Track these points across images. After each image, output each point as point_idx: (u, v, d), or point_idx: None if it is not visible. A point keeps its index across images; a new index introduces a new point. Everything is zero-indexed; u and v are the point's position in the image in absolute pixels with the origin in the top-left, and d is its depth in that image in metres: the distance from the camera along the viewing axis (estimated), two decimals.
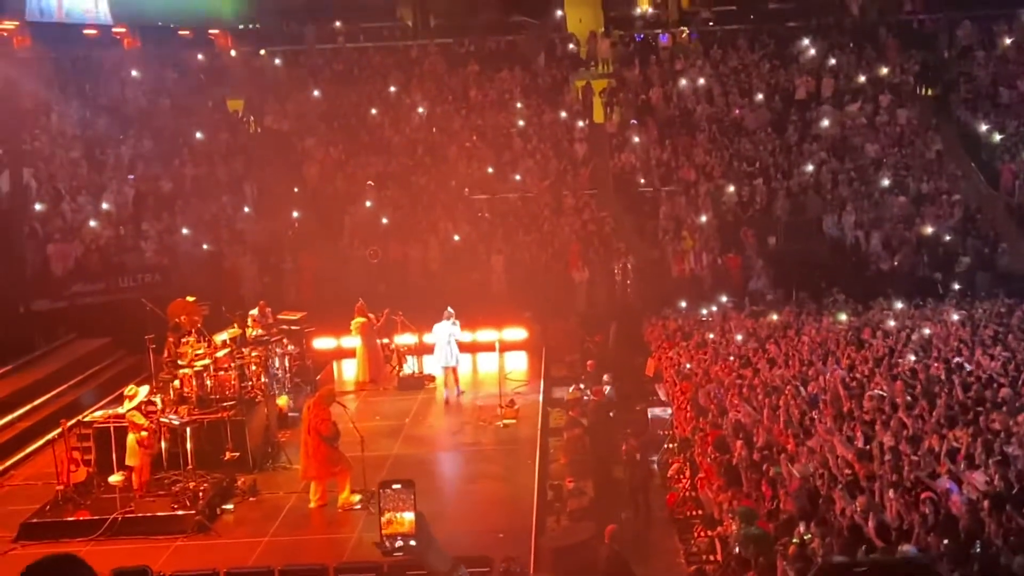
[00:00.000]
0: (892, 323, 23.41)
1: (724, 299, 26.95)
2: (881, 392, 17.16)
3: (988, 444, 13.79)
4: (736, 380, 18.96)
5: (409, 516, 13.05)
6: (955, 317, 23.65)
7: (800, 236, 29.16)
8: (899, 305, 25.67)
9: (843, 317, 24.63)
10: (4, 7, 29.90)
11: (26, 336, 24.70)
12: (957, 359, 19.42)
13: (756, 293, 27.67)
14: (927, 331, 22.13)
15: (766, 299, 27.21)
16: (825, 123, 33.49)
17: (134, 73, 35.63)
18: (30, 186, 29.22)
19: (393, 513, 13.14)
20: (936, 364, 19.07)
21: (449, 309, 22.10)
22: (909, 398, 16.64)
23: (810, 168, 31.37)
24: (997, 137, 32.52)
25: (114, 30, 35.38)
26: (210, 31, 38.03)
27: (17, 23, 31.43)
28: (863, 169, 31.53)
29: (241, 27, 39.97)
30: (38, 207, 28.80)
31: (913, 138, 33.07)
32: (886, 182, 30.67)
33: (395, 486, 13.17)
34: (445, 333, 21.77)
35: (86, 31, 34.32)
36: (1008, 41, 36.48)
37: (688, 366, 20.58)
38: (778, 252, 28.74)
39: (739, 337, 22.72)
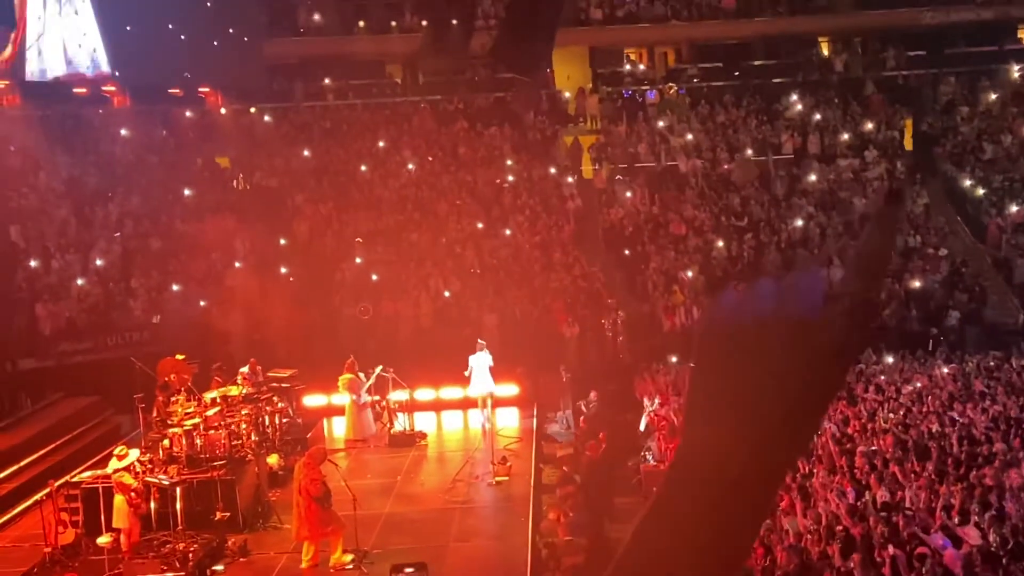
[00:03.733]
0: (883, 377, 23.42)
1: None
2: (873, 448, 17.14)
3: (982, 499, 13.75)
4: None
5: None
6: (945, 371, 23.70)
7: None
8: (889, 359, 25.70)
9: None
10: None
11: (13, 395, 24.53)
12: (949, 413, 19.42)
13: None
14: (918, 385, 22.16)
15: None
16: (812, 178, 33.73)
17: (123, 131, 35.71)
18: (18, 244, 29.21)
19: None
20: (928, 418, 19.07)
21: (480, 341, 23.35)
22: (901, 453, 16.62)
23: (799, 223, 31.55)
24: (981, 191, 32.78)
25: (103, 88, 35.53)
26: (200, 89, 38.19)
27: (7, 82, 31.55)
28: (850, 223, 31.70)
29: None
30: (30, 264, 28.75)
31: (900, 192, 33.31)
32: None
33: (408, 570, 13.16)
34: (482, 363, 22.92)
35: (76, 89, 34.46)
36: (992, 96, 36.90)
37: (679, 421, 20.53)
38: None
39: None
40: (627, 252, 31.53)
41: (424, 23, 39.36)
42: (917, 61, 39.73)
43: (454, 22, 37.35)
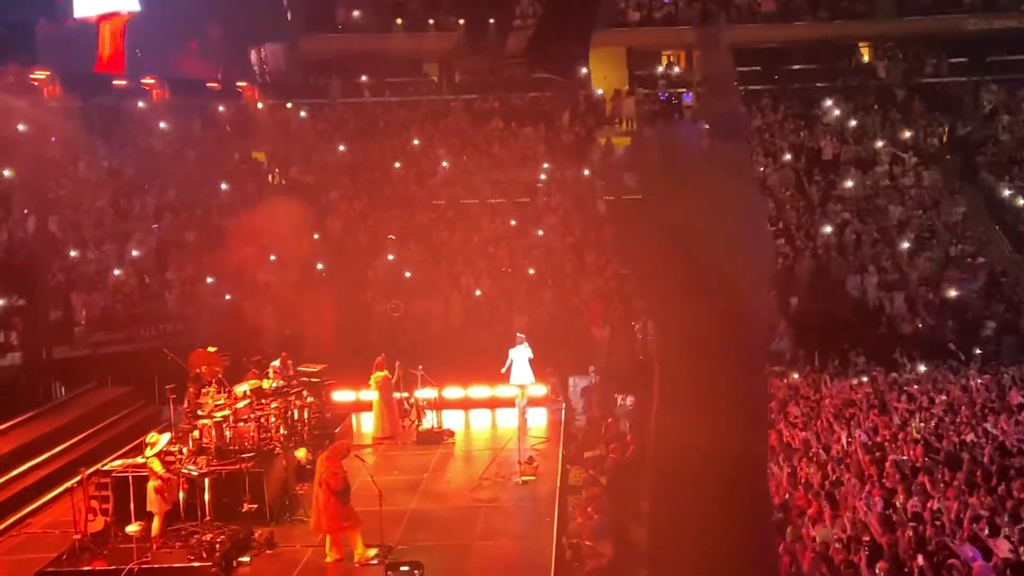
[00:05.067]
0: (915, 387, 23.25)
1: None
2: (903, 457, 17.02)
3: (1013, 511, 13.63)
4: None
5: None
6: (979, 381, 23.49)
7: (823, 297, 29.04)
8: (922, 368, 25.51)
9: (865, 379, 24.49)
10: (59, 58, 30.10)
11: (47, 383, 24.75)
12: (982, 424, 19.25)
13: (777, 353, 27.51)
14: (951, 395, 21.98)
15: (786, 359, 27.08)
16: (849, 184, 33.51)
17: (161, 124, 35.95)
18: (55, 234, 29.45)
19: None
20: (960, 429, 18.91)
21: (520, 335, 23.76)
22: (932, 463, 16.49)
23: (828, 229, 31.33)
24: (1022, 201, 32.47)
25: (143, 81, 35.80)
26: (238, 83, 38.40)
27: (48, 72, 31.81)
28: (887, 231, 31.49)
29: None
30: (68, 254, 29.00)
31: (938, 200, 33.06)
32: (906, 244, 30.62)
33: (403, 568, 13.21)
34: (521, 356, 23.35)
35: (116, 82, 34.74)
36: None
37: None
38: (800, 313, 28.61)
39: None
40: None
41: (461, 22, 39.43)
42: (958, 68, 39.39)
43: (491, 21, 37.40)
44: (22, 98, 29.74)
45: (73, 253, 29.18)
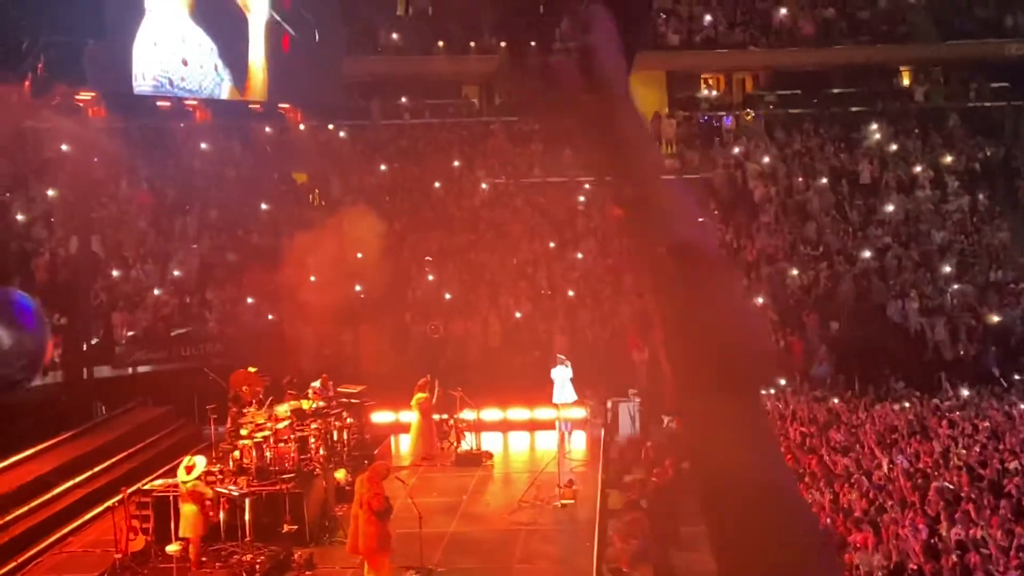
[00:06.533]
0: (958, 413, 23.02)
1: (783, 382, 26.63)
2: (948, 484, 16.83)
3: None
4: (797, 467, 18.67)
5: None
6: (1022, 407, 23.24)
7: (864, 322, 28.84)
8: (965, 393, 25.28)
9: (907, 405, 24.28)
10: (105, 79, 30.23)
11: (88, 402, 24.92)
12: None
13: (817, 378, 27.35)
14: (995, 421, 21.74)
15: (826, 384, 26.92)
16: (890, 208, 33.31)
17: (203, 144, 36.18)
18: (98, 253, 29.72)
19: None
20: (1004, 456, 18.69)
21: (560, 356, 24.11)
22: (976, 491, 16.30)
23: (868, 254, 31.11)
24: None
25: (186, 103, 36.05)
26: (280, 105, 38.62)
27: (94, 94, 32.07)
28: (928, 255, 31.25)
29: None
30: (110, 274, 29.25)
31: (980, 225, 32.78)
32: (948, 268, 30.38)
33: None
34: (563, 376, 23.60)
35: (159, 103, 34.96)
36: None
37: None
38: (841, 337, 28.40)
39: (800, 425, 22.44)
40: None
41: (503, 44, 39.53)
42: (1000, 93, 39.11)
43: (532, 44, 37.48)
44: (67, 119, 30.05)
45: (115, 273, 29.43)
